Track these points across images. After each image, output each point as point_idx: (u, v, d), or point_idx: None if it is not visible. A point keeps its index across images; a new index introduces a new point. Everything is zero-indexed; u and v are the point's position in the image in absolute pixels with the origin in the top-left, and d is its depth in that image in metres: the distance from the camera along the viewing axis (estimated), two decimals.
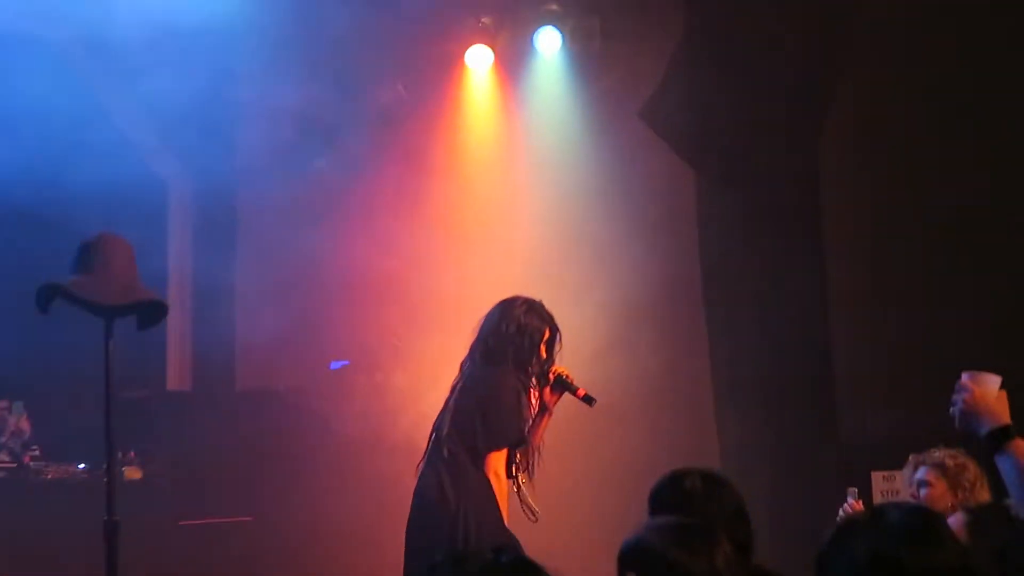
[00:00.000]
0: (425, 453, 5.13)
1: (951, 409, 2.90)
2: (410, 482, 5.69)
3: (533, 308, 5.17)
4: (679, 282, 8.01)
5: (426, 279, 8.28)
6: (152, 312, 4.97)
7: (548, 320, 5.18)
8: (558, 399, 5.22)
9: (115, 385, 4.77)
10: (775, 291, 7.60)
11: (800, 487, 7.24)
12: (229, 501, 7.70)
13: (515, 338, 5.08)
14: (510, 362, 5.07)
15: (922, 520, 2.23)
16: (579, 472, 7.59)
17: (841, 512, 5.09)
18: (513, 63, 8.81)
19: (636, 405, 7.91)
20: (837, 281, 7.68)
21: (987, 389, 2.89)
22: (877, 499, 6.16)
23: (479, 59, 8.75)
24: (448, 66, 8.81)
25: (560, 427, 5.62)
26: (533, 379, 5.15)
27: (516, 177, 8.71)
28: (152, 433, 7.69)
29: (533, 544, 4.11)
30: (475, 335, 5.20)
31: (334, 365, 8.64)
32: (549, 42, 8.59)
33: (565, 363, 5.41)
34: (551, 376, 5.16)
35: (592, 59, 8.58)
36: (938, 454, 4.87)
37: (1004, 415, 2.85)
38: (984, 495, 4.68)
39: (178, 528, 7.39)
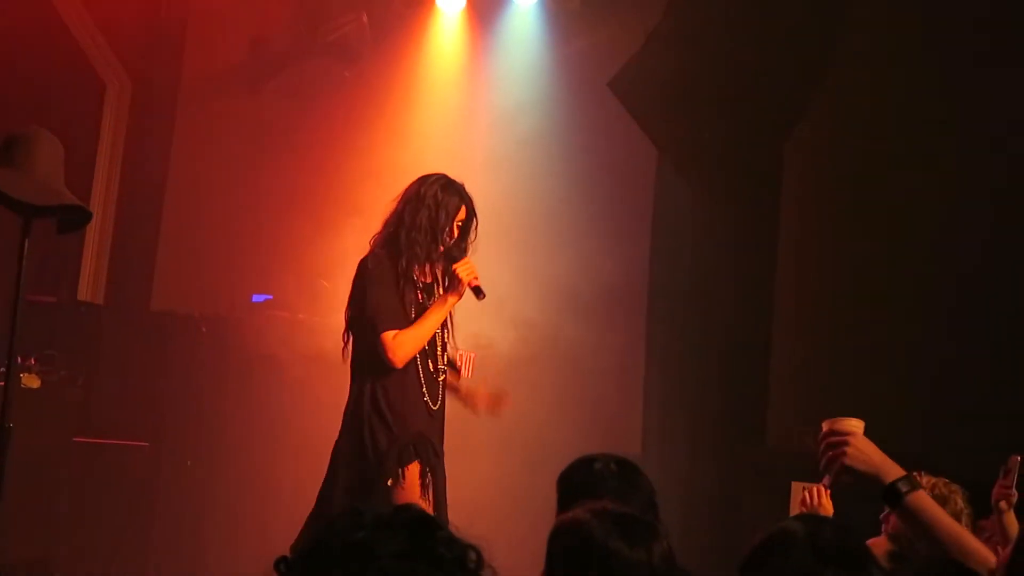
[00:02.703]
0: None
1: (824, 461, 2.72)
2: (315, 423, 5.49)
3: (451, 185, 5.00)
4: (627, 260, 7.84)
5: (363, 222, 8.03)
6: (74, 217, 4.76)
7: (467, 200, 5.01)
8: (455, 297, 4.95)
9: (24, 287, 4.55)
10: (721, 286, 7.49)
11: (718, 486, 7.14)
12: (128, 423, 7.44)
13: (430, 209, 4.90)
14: (403, 246, 4.89)
15: (854, 545, 2.34)
16: (499, 451, 7.43)
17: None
18: (486, 9, 8.55)
19: (559, 393, 7.75)
20: (785, 286, 7.56)
21: (860, 435, 2.75)
22: (795, 509, 6.07)
23: (451, 1, 8.46)
24: (417, 3, 8.53)
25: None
26: (438, 263, 4.97)
27: (472, 130, 8.46)
28: (56, 342, 7.38)
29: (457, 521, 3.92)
30: (392, 206, 5.03)
31: (256, 298, 8.37)
32: None
33: (499, 331, 5.26)
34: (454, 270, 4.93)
35: (569, 18, 8.34)
36: (923, 480, 4.63)
37: (893, 464, 2.70)
38: None
39: (71, 444, 7.12)
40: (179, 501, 7.38)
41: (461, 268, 4.89)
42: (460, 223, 5.02)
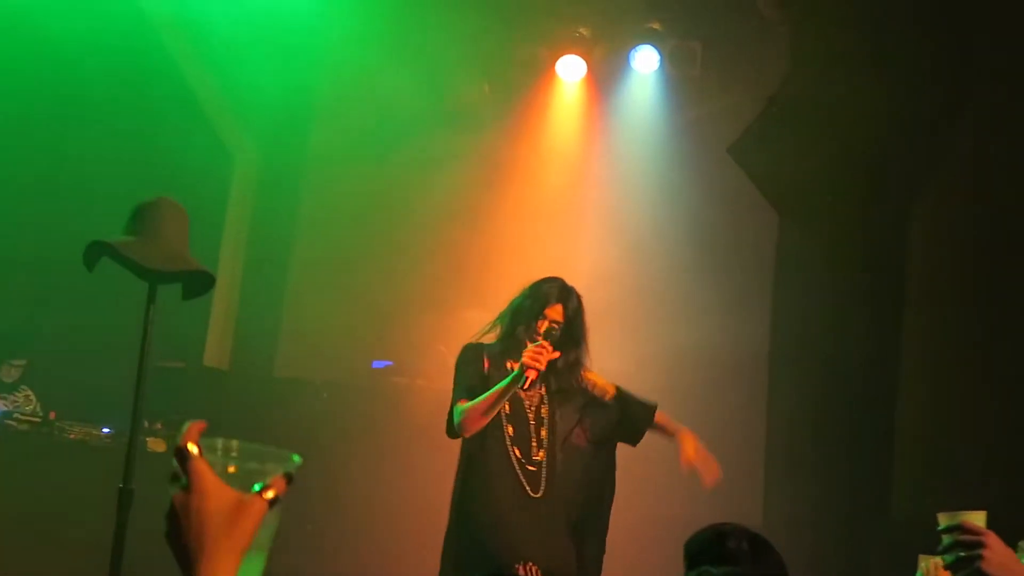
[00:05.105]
0: None
1: (955, 561, 2.55)
2: (435, 489, 5.51)
3: (552, 281, 5.02)
4: (745, 330, 7.72)
5: (481, 289, 8.08)
6: (199, 283, 4.85)
7: (564, 298, 4.96)
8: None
9: (151, 352, 4.64)
10: (845, 354, 7.31)
11: (844, 560, 6.94)
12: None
13: (524, 297, 5.01)
14: (503, 332, 5.02)
15: None
16: (614, 523, 7.34)
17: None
18: (606, 78, 8.59)
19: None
20: (911, 354, 7.35)
21: (994, 536, 2.57)
22: None
23: (571, 69, 8.51)
24: (538, 72, 8.60)
25: None
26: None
27: (591, 195, 8.48)
28: (182, 407, 7.52)
29: None
30: None
31: (376, 364, 8.45)
32: (646, 61, 8.36)
33: None
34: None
35: (689, 85, 8.35)
36: None
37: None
38: None
39: None
40: (301, 566, 7.41)
41: (528, 351, 4.81)
42: (555, 322, 4.95)
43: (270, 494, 1.51)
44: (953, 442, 7.03)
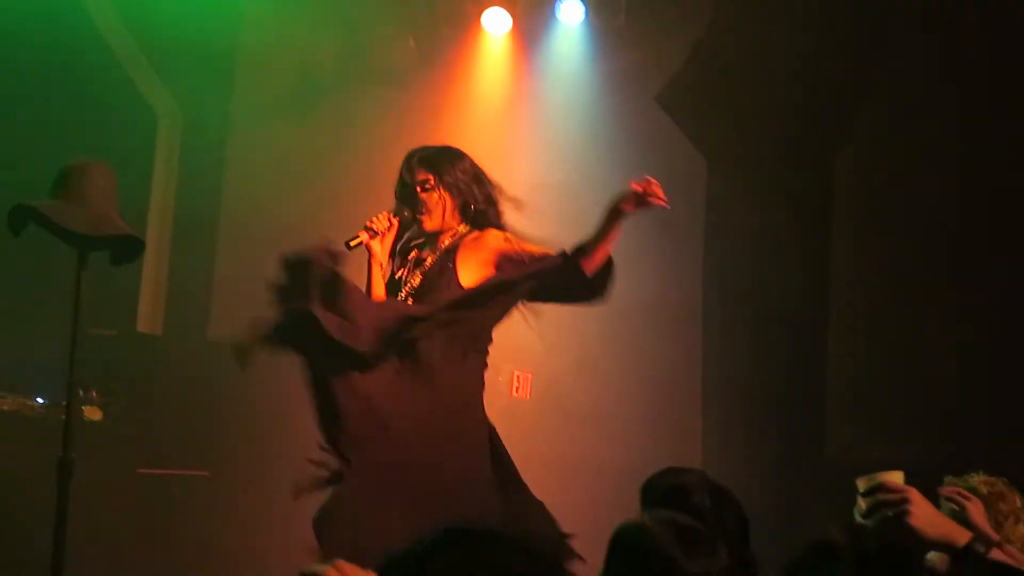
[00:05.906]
0: None
1: (879, 521, 2.50)
2: None
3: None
4: (677, 278, 7.80)
5: None
6: (128, 248, 4.81)
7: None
8: None
9: (83, 320, 4.60)
10: (775, 298, 7.42)
11: (780, 503, 7.06)
12: (189, 453, 7.49)
13: None
14: None
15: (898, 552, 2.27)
16: (557, 472, 7.40)
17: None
18: (532, 30, 8.57)
19: (620, 406, 7.74)
20: (840, 297, 7.48)
21: (917, 492, 2.56)
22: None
23: (497, 22, 8.49)
24: (463, 26, 8.56)
25: (539, 427, 5.39)
26: None
27: (520, 149, 8.48)
28: (117, 374, 7.46)
29: None
30: None
31: None
32: (571, 13, 8.37)
33: (552, 359, 5.22)
34: None
35: (614, 36, 8.35)
36: (975, 479, 4.50)
37: (956, 524, 2.55)
38: (1020, 530, 4.33)
39: (134, 475, 7.18)
40: (239, 528, 7.40)
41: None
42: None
43: None
44: (883, 381, 7.18)
